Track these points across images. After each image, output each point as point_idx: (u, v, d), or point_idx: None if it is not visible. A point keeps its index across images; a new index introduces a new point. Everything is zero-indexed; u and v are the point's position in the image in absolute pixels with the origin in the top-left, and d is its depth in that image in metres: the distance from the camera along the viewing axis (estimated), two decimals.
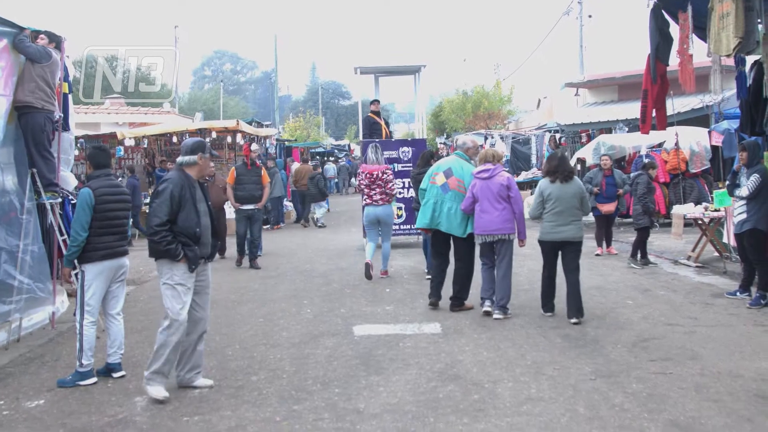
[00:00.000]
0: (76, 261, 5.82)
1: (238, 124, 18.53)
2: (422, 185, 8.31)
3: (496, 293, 7.70)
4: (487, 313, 7.67)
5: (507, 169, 14.79)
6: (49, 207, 7.63)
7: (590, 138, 19.57)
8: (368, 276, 9.96)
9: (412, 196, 12.19)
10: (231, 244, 13.25)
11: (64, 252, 6.40)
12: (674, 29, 9.33)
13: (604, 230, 12.28)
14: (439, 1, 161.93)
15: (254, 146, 13.35)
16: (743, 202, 8.13)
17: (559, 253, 7.73)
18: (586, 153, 17.18)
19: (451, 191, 7.99)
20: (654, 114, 10.06)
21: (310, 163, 21.77)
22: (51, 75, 7.65)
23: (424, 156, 10.31)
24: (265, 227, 14.11)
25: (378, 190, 10.24)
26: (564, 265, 7.68)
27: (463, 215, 7.90)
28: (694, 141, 15.27)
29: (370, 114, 14.74)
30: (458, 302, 8.04)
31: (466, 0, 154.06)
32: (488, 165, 7.82)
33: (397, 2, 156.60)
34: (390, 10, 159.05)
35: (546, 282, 7.81)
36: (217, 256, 11.89)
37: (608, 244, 12.37)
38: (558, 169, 7.70)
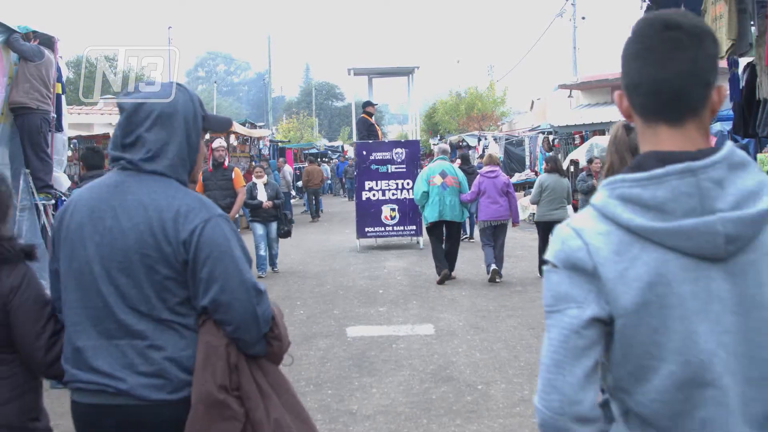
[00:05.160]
0: None
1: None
2: (422, 189, 9.93)
3: (497, 260, 9.70)
4: (496, 271, 9.52)
5: None
6: (42, 208, 7.59)
7: (583, 139, 19.53)
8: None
9: (406, 198, 13.22)
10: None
11: None
12: None
13: None
14: (432, 2, 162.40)
15: (216, 142, 10.49)
16: None
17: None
18: (580, 155, 17.19)
19: (449, 188, 9.83)
20: None
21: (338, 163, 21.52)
22: (46, 73, 7.62)
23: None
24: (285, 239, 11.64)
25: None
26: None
27: (460, 205, 9.90)
28: None
29: (363, 115, 14.57)
30: (450, 272, 9.97)
31: (460, 2, 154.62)
32: (494, 167, 9.95)
33: (390, 4, 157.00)
34: (383, 11, 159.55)
35: (540, 252, 9.53)
36: None
37: None
38: (556, 167, 10.04)
